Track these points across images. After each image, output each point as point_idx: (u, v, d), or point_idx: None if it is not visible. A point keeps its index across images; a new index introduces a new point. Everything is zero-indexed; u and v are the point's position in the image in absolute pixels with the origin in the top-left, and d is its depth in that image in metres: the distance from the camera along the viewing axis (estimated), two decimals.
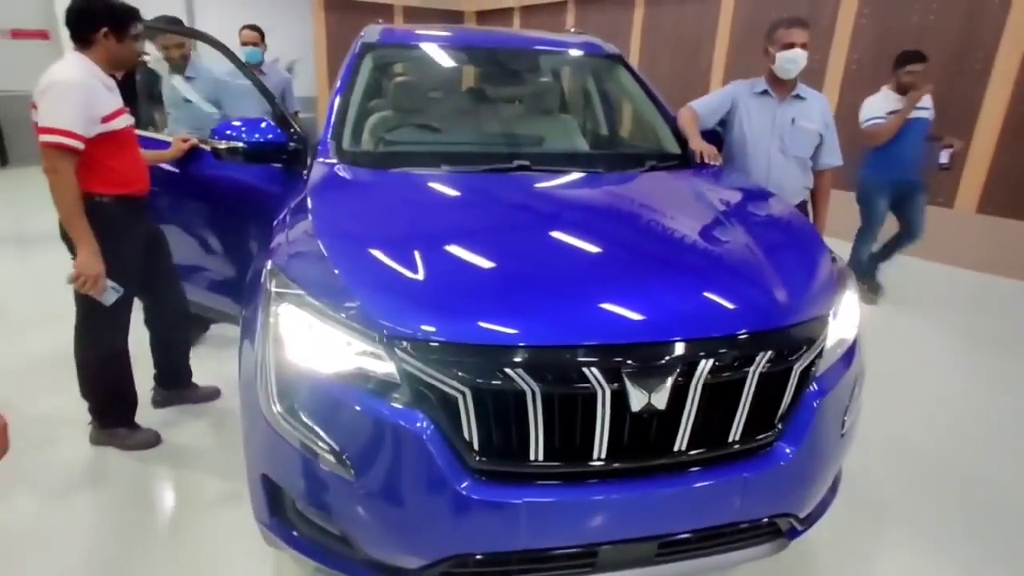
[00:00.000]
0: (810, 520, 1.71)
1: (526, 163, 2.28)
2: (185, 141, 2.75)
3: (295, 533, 1.59)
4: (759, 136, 2.82)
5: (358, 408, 1.40)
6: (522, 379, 1.33)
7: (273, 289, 1.57)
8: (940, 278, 5.36)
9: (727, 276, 1.66)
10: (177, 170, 2.79)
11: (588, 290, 1.51)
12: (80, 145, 2.15)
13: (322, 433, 1.43)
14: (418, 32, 3.01)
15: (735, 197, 2.24)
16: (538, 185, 2.18)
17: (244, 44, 4.40)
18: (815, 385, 1.59)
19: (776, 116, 2.82)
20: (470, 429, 1.37)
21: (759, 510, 1.56)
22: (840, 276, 1.78)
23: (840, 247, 5.79)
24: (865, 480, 2.45)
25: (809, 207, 3.01)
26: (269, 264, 1.66)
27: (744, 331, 1.46)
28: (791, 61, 2.70)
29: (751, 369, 1.44)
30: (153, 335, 2.77)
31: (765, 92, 2.84)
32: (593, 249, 1.70)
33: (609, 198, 2.14)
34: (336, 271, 1.53)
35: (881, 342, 3.58)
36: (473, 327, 1.39)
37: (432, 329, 1.38)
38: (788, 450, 1.53)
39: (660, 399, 1.38)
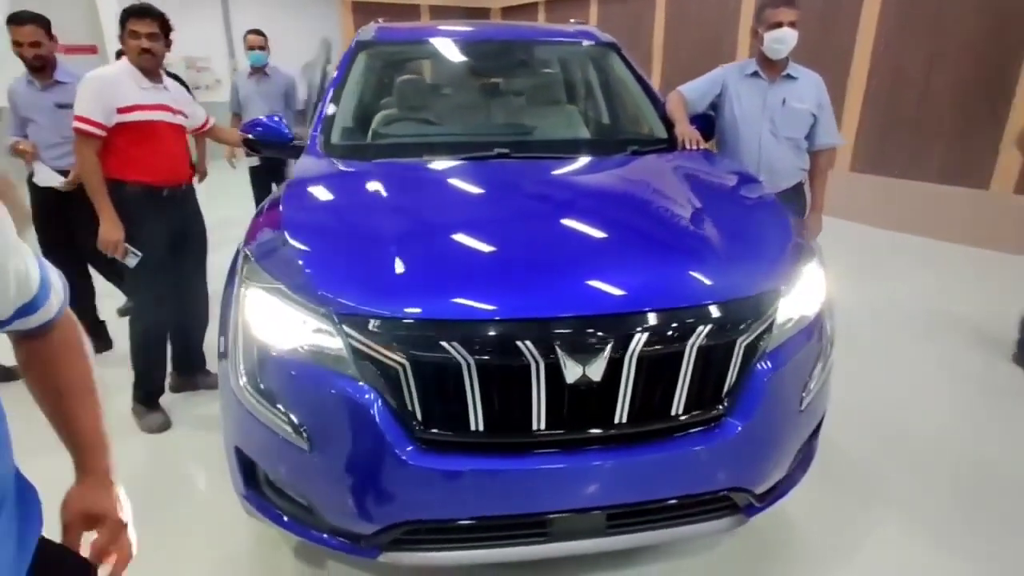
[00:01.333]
0: (771, 497, 1.71)
1: (506, 151, 2.34)
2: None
3: (267, 503, 1.69)
4: (749, 118, 2.79)
5: (313, 383, 1.49)
6: (457, 352, 1.39)
7: (243, 273, 1.68)
8: None
9: (670, 252, 1.68)
10: None
11: (525, 267, 1.57)
12: (95, 130, 2.48)
13: (282, 407, 1.52)
14: (412, 28, 3.10)
15: (704, 178, 2.26)
16: (511, 171, 2.23)
17: (250, 48, 4.58)
18: (768, 361, 1.59)
19: (766, 97, 2.77)
20: (412, 400, 1.44)
21: (708, 484, 1.57)
22: (799, 253, 1.77)
23: (848, 229, 5.79)
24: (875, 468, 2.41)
25: (807, 189, 2.95)
26: (243, 250, 1.77)
27: (679, 305, 1.48)
28: (779, 41, 2.66)
29: (689, 343, 1.46)
30: (173, 323, 2.95)
31: (755, 74, 2.80)
32: (542, 230, 1.75)
33: (577, 183, 2.18)
34: (295, 258, 1.63)
35: None
36: (409, 302, 1.46)
37: (372, 305, 1.45)
38: (737, 425, 1.54)
39: (595, 372, 1.42)
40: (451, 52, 3.05)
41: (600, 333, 1.42)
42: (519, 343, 1.39)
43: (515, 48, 3.09)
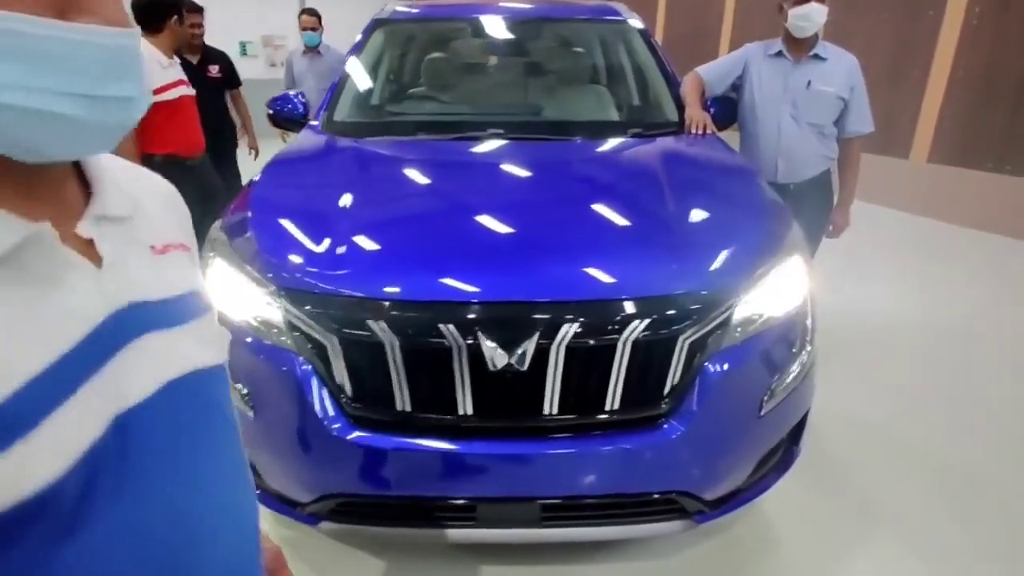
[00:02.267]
0: (727, 504, 1.63)
1: (500, 131, 2.30)
2: None
3: None
4: (769, 101, 2.59)
5: (258, 353, 1.54)
6: (381, 331, 1.40)
7: (211, 244, 1.76)
8: None
9: (615, 243, 1.60)
10: None
11: (460, 251, 1.55)
12: None
13: (232, 373, 1.59)
14: (430, 6, 3.08)
15: (688, 166, 2.14)
16: (493, 153, 2.20)
17: (303, 29, 4.72)
18: (720, 362, 1.50)
19: (788, 79, 2.55)
20: (341, 375, 1.46)
21: (646, 485, 1.52)
22: (770, 249, 1.64)
23: (881, 215, 5.27)
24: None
25: (834, 178, 2.73)
26: (218, 220, 1.85)
27: (609, 297, 1.41)
28: (804, 18, 2.44)
29: (622, 337, 1.40)
30: None
31: (780, 54, 2.59)
32: (491, 214, 1.71)
33: (550, 167, 2.11)
34: (252, 230, 1.69)
35: None
36: (339, 280, 1.48)
37: (306, 281, 1.48)
38: (679, 426, 1.47)
39: (519, 360, 1.38)
40: (466, 30, 3.02)
41: (524, 320, 1.39)
42: (440, 325, 1.38)
43: (530, 26, 3.01)
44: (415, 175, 2.04)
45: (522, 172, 2.06)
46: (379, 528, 1.60)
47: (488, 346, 1.38)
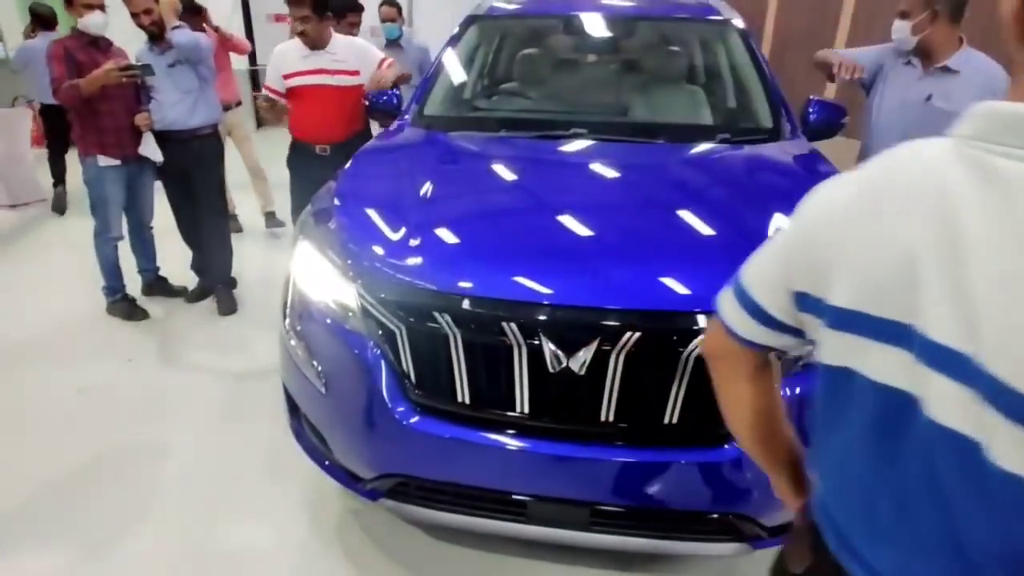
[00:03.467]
0: (785, 531, 1.55)
1: (583, 131, 2.30)
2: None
3: (304, 435, 1.90)
4: (887, 113, 2.39)
5: (334, 333, 1.64)
6: (446, 324, 1.45)
7: (300, 228, 1.88)
8: None
9: (689, 253, 1.56)
10: None
11: (529, 252, 1.57)
12: (273, 97, 3.18)
13: (310, 351, 1.70)
14: (525, 2, 3.11)
15: (780, 176, 2.04)
16: (578, 153, 2.19)
17: (384, 21, 4.78)
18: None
19: (910, 91, 2.33)
20: (407, 363, 1.52)
21: (701, 504, 1.48)
22: None
23: None
24: None
25: None
26: (309, 206, 1.98)
27: (676, 308, 1.38)
28: (896, 31, 2.28)
29: (686, 350, 1.37)
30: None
31: (910, 61, 2.37)
32: (566, 217, 1.71)
33: (638, 169, 2.08)
34: (336, 217, 1.79)
35: None
36: (412, 270, 1.54)
37: (380, 269, 1.56)
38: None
39: (578, 364, 1.39)
40: (560, 28, 3.02)
41: (585, 326, 1.39)
42: (503, 324, 1.41)
43: (626, 24, 2.96)
44: (498, 172, 2.07)
45: (605, 174, 2.05)
46: (431, 511, 1.65)
47: (549, 348, 1.39)
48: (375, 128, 3.19)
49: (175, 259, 3.82)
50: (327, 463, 1.79)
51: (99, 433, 2.50)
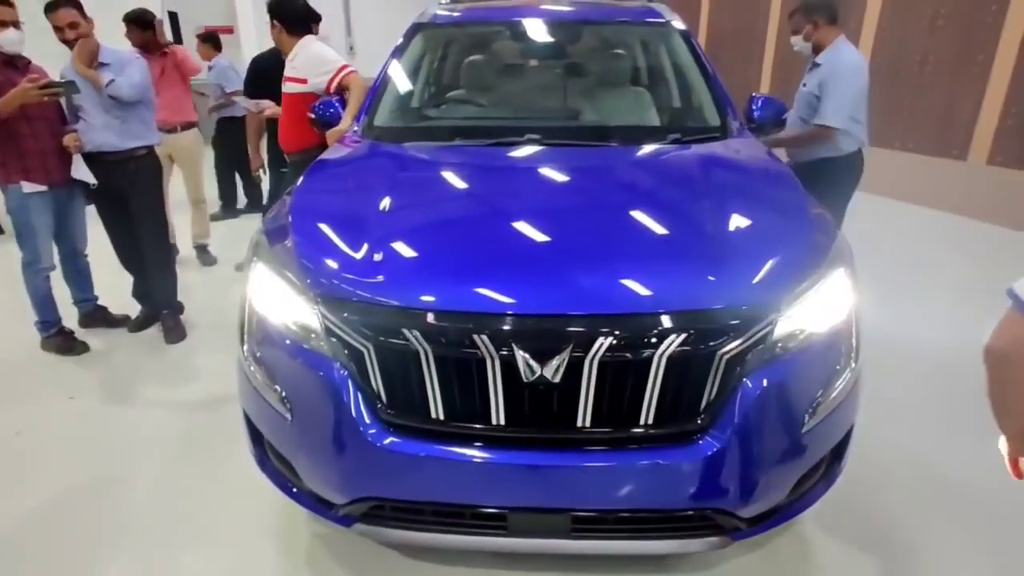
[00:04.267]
0: (766, 522, 1.59)
1: (536, 137, 2.30)
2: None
3: (269, 463, 1.82)
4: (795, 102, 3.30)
5: (296, 357, 1.58)
6: (416, 340, 1.41)
7: (253, 249, 1.81)
8: None
9: (652, 254, 1.58)
10: None
11: (493, 262, 1.55)
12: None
13: (272, 377, 1.63)
14: (470, 9, 3.10)
15: (730, 175, 2.08)
16: (531, 158, 2.19)
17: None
18: (760, 378, 1.46)
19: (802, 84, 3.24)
20: (377, 382, 1.48)
21: (680, 501, 1.49)
22: (814, 263, 1.59)
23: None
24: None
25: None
26: (261, 225, 1.90)
27: (644, 311, 1.39)
28: (795, 45, 3.25)
29: (658, 352, 1.38)
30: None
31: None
32: (525, 224, 1.70)
33: (592, 173, 2.09)
34: (291, 237, 1.72)
35: None
36: (375, 287, 1.50)
37: (343, 288, 1.51)
38: (715, 442, 1.44)
39: (553, 372, 1.38)
40: (505, 33, 3.02)
41: (558, 334, 1.38)
42: (474, 336, 1.38)
43: (570, 28, 2.98)
44: (453, 183, 2.05)
45: (560, 179, 2.05)
46: (409, 532, 1.61)
47: (521, 357, 1.37)
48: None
49: (115, 286, 3.62)
50: (295, 491, 1.72)
51: (46, 475, 2.34)
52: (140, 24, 4.06)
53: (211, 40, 5.39)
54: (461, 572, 1.87)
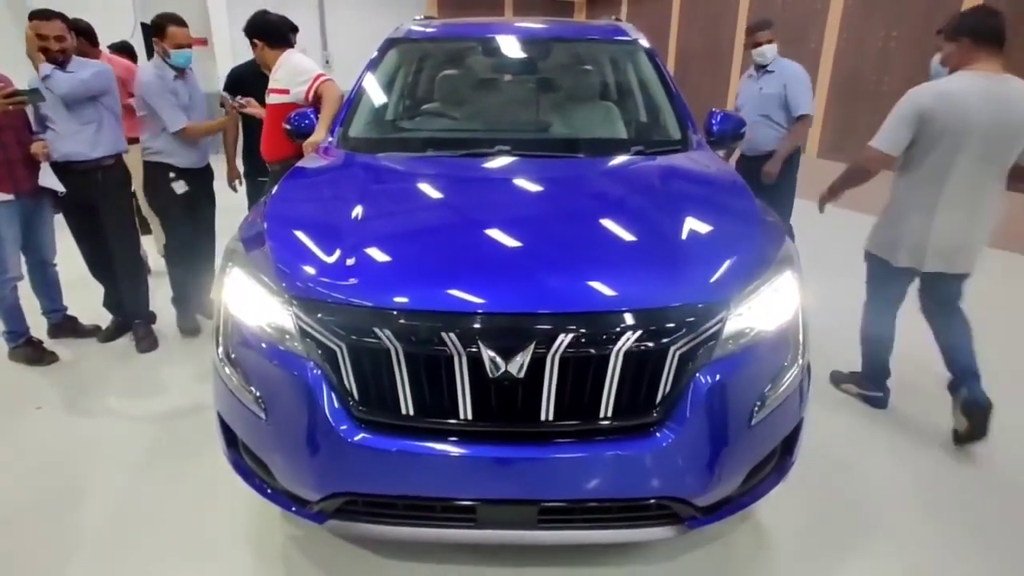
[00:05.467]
0: (719, 511, 1.67)
1: (506, 148, 2.39)
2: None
3: (243, 463, 1.86)
4: (746, 104, 4.16)
5: (270, 357, 1.63)
6: (387, 339, 1.48)
7: (228, 255, 1.86)
8: None
9: (611, 257, 1.67)
10: None
11: (460, 264, 1.63)
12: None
13: (246, 377, 1.68)
14: (442, 25, 3.20)
15: (688, 183, 2.21)
16: (501, 169, 2.28)
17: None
18: (711, 373, 1.55)
19: (752, 87, 4.13)
20: (349, 380, 1.54)
21: (639, 491, 1.57)
22: (762, 265, 1.70)
23: None
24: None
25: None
26: (236, 234, 1.95)
27: (601, 309, 1.48)
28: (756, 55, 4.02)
29: (615, 348, 1.47)
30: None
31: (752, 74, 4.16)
32: (490, 229, 1.79)
33: (558, 182, 2.19)
34: (267, 242, 1.78)
35: None
36: (348, 289, 1.56)
37: (316, 290, 1.58)
38: (669, 434, 1.53)
39: (517, 368, 1.45)
40: (478, 49, 3.13)
41: (521, 331, 1.46)
42: (443, 335, 1.46)
43: (540, 45, 3.10)
44: (424, 191, 2.12)
45: (527, 188, 2.14)
46: (381, 527, 1.66)
47: (487, 355, 1.45)
48: None
49: (86, 297, 3.60)
50: (269, 491, 1.76)
51: (12, 485, 2.32)
52: (85, 34, 3.89)
53: (125, 50, 4.95)
54: (433, 570, 1.92)
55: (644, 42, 3.04)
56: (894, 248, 2.54)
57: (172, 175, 3.40)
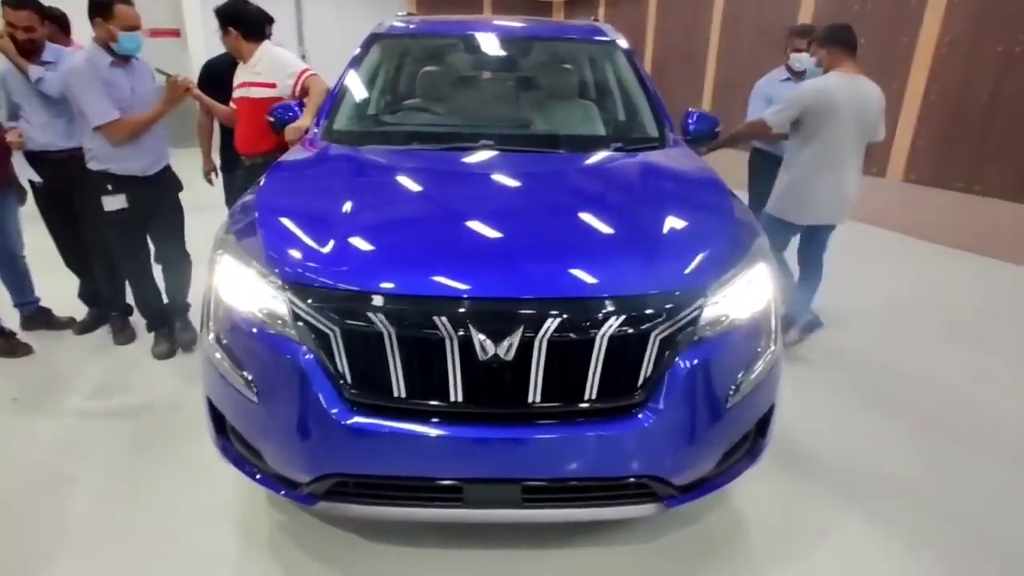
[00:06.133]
0: (696, 490, 1.76)
1: (490, 143, 2.45)
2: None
3: (232, 448, 1.88)
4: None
5: (263, 342, 1.66)
6: (380, 323, 1.53)
7: (219, 243, 1.88)
8: None
9: (595, 247, 1.75)
10: None
11: (449, 250, 1.70)
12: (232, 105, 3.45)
13: (237, 361, 1.71)
14: (425, 22, 3.25)
15: (663, 178, 2.30)
16: (484, 162, 2.34)
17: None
18: (689, 357, 1.63)
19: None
20: (342, 363, 1.58)
21: (620, 470, 1.64)
22: (736, 255, 1.79)
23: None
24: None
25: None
26: (225, 223, 1.97)
27: (587, 295, 1.56)
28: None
29: (600, 332, 1.54)
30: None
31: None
32: (477, 217, 1.85)
33: (541, 176, 2.27)
34: (259, 230, 1.81)
35: None
36: (341, 275, 1.61)
37: (309, 275, 1.62)
38: (650, 415, 1.60)
39: (506, 351, 1.52)
40: (459, 46, 3.18)
41: (510, 315, 1.52)
42: (434, 318, 1.51)
43: (520, 43, 3.17)
44: (410, 181, 2.17)
45: (511, 181, 2.21)
46: (371, 507, 1.71)
47: (477, 338, 1.51)
48: None
49: (61, 289, 3.55)
50: (258, 475, 1.79)
51: None
52: (57, 21, 3.68)
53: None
54: (419, 553, 1.97)
55: (622, 42, 3.13)
56: (801, 211, 3.22)
57: (109, 187, 2.87)
